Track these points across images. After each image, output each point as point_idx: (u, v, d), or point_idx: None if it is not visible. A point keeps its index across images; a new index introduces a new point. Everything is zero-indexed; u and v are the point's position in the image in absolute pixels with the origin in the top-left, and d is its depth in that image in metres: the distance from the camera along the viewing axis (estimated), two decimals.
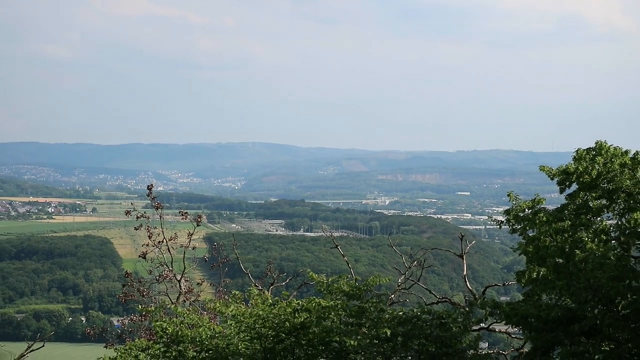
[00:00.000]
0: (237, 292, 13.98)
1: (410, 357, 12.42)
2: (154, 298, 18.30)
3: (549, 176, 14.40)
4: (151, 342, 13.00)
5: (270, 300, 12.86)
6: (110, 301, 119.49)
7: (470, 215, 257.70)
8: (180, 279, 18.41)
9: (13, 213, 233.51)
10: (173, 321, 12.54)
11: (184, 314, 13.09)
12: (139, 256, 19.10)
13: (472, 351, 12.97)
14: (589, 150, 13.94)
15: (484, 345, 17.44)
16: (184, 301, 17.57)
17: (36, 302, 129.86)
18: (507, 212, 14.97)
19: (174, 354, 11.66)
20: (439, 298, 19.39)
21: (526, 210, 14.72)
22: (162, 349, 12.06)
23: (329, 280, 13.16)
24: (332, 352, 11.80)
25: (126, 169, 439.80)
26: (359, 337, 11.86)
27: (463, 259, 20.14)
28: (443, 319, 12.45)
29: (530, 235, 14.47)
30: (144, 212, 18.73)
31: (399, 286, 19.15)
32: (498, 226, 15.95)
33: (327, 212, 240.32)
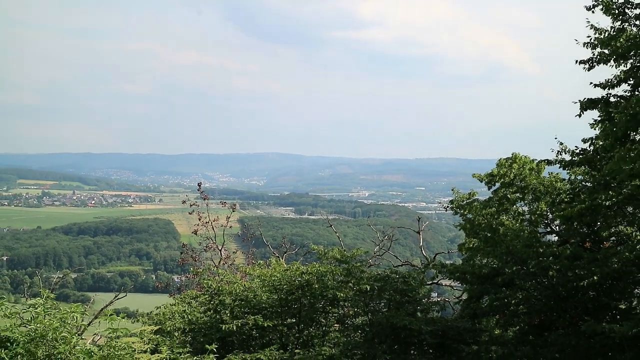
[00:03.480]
0: (261, 262, 13.98)
1: (382, 304, 12.40)
2: (203, 262, 18.26)
3: (479, 180, 14.44)
4: (200, 293, 12.96)
5: (285, 266, 12.84)
6: (172, 264, 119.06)
7: (425, 203, 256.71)
8: (221, 249, 18.38)
9: (104, 203, 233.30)
10: (215, 279, 12.53)
11: (223, 274, 13.07)
12: (192, 232, 19.05)
13: (425, 299, 12.96)
14: (507, 159, 13.98)
15: (434, 295, 17.40)
16: (223, 265, 17.54)
17: (120, 265, 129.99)
18: (451, 202, 15.04)
19: (216, 301, 11.64)
20: (402, 262, 19.38)
21: (465, 200, 14.76)
22: (207, 298, 12.03)
23: (326, 250, 13.16)
24: (327, 301, 11.79)
25: (183, 171, 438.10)
26: (346, 290, 11.85)
27: (420, 234, 20.15)
28: (405, 277, 12.44)
29: (468, 217, 14.49)
30: (195, 202, 18.69)
31: (374, 254, 19.14)
32: (444, 209, 16.03)
33: (324, 201, 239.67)
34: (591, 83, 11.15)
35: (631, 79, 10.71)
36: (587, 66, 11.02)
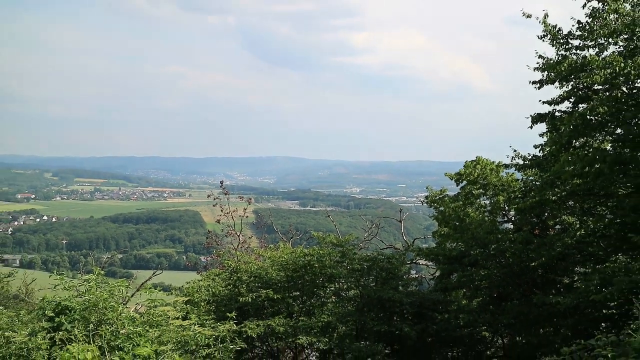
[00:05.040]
0: (272, 246, 13.97)
1: (371, 280, 12.43)
2: (224, 246, 18.26)
3: (450, 179, 14.45)
4: (222, 271, 12.98)
5: (291, 249, 12.86)
6: (199, 247, 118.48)
7: (405, 198, 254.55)
8: (239, 235, 18.37)
9: (144, 197, 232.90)
10: (234, 259, 12.56)
11: (241, 255, 13.08)
12: (216, 221, 18.97)
13: (406, 276, 12.99)
14: (472, 161, 14.00)
15: (413, 272, 17.43)
16: (241, 248, 17.54)
17: (157, 248, 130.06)
18: (427, 197, 15.06)
19: (234, 278, 11.66)
20: (387, 245, 19.39)
21: (437, 196, 14.77)
22: (228, 275, 12.04)
23: (324, 236, 13.18)
24: (326, 277, 11.80)
25: (208, 171, 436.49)
26: (341, 269, 11.87)
27: (401, 223, 20.16)
28: (389, 258, 12.46)
29: (440, 209, 14.51)
30: (218, 196, 18.67)
31: (364, 239, 19.15)
32: (421, 203, 16.05)
33: (323, 196, 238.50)
34: (540, 100, 11.20)
35: (572, 97, 10.76)
36: (537, 86, 11.05)
